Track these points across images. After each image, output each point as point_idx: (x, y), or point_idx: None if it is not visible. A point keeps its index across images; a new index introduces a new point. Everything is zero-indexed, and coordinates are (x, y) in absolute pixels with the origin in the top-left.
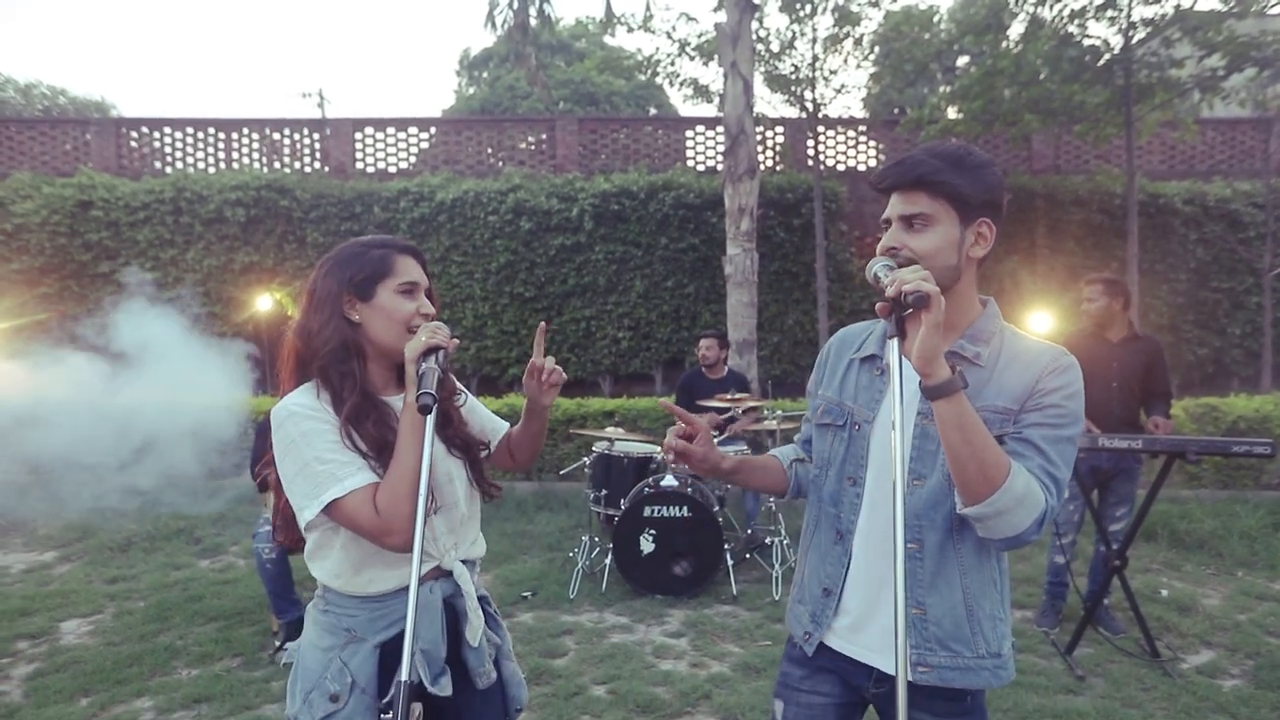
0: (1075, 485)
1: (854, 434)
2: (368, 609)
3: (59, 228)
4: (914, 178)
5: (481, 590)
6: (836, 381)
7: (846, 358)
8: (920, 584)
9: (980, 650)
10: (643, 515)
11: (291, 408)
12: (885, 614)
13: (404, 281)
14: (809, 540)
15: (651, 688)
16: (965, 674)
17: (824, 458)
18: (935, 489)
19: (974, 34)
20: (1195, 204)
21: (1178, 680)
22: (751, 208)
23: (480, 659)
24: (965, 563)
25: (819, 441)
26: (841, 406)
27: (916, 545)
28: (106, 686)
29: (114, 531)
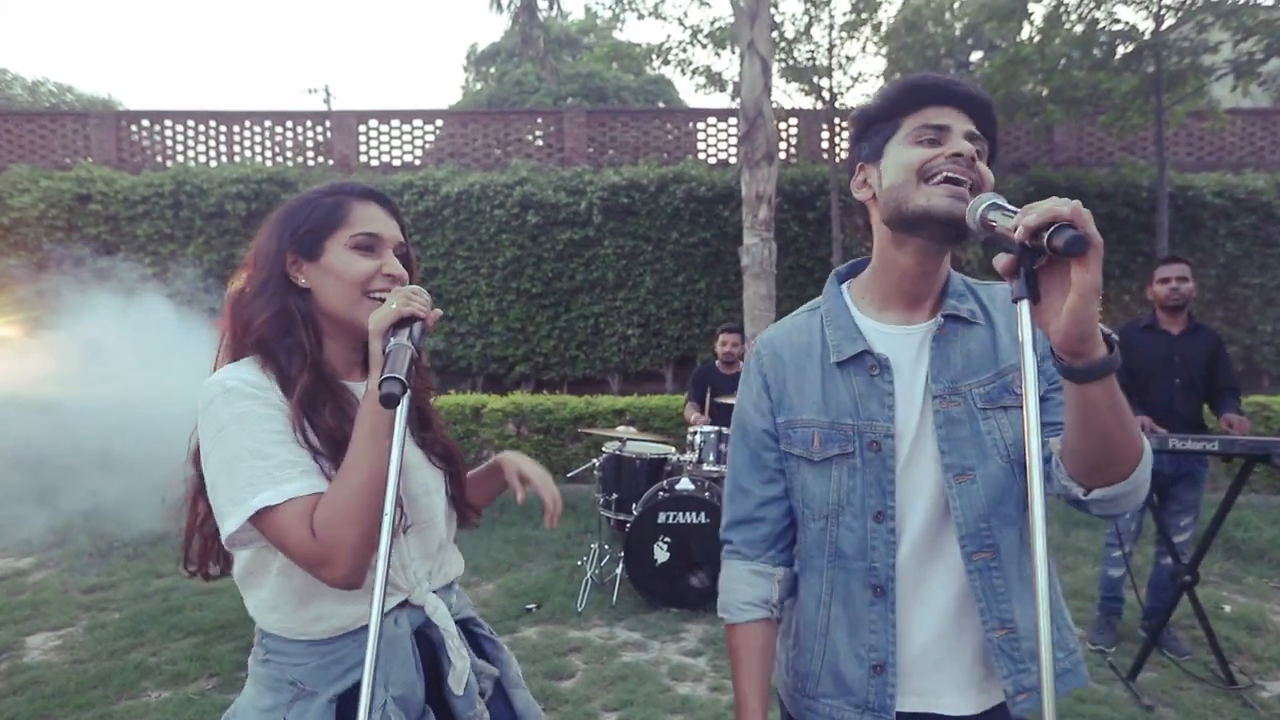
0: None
1: (870, 457)
2: (316, 654)
3: (56, 221)
4: (986, 103)
5: (467, 611)
6: (814, 399)
7: (811, 368)
8: (1002, 598)
9: (1069, 647)
10: (657, 522)
11: (228, 382)
12: (958, 648)
13: (359, 233)
14: (822, 614)
15: (669, 715)
16: (1062, 680)
17: (829, 502)
18: (994, 481)
19: (997, 19)
20: (1225, 196)
21: (1261, 712)
22: (770, 195)
23: (469, 704)
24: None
25: (815, 484)
26: (841, 428)
27: (989, 554)
28: (66, 712)
29: (98, 536)
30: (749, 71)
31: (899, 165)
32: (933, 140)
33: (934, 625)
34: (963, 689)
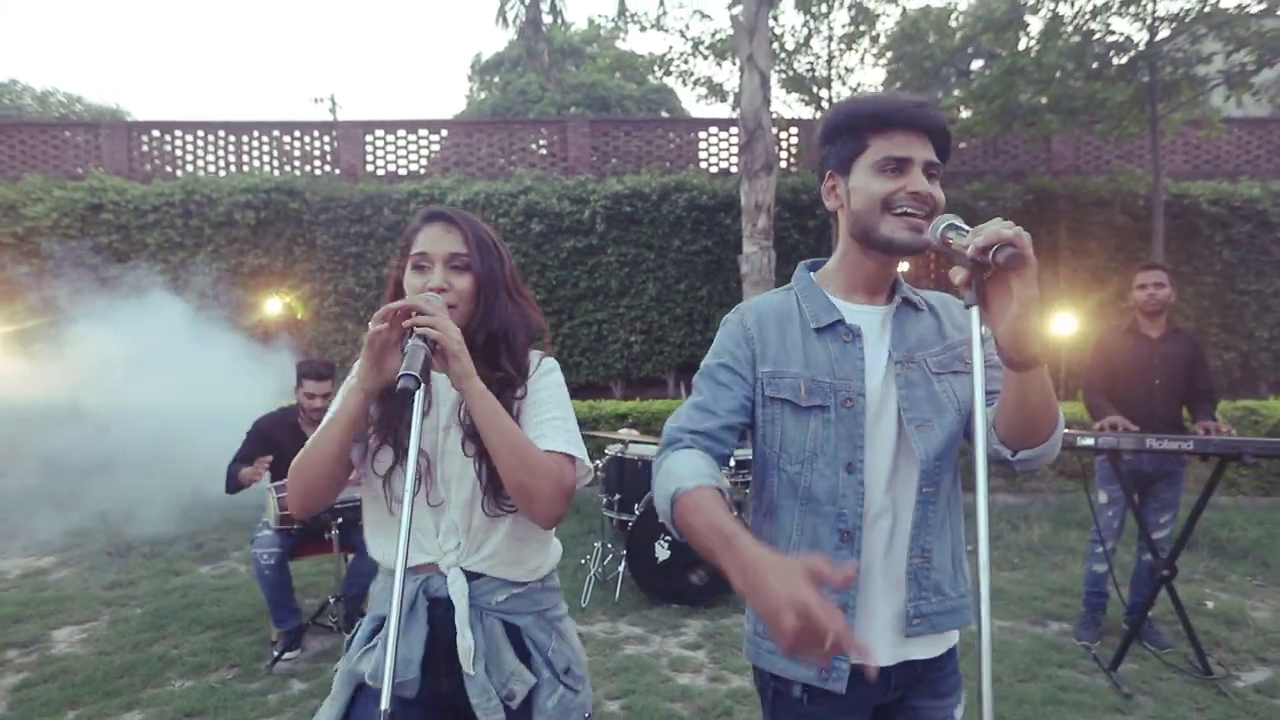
0: (1117, 490)
1: (844, 413)
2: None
3: (69, 230)
4: (942, 125)
5: (524, 620)
6: (798, 356)
7: (792, 331)
8: (930, 530)
9: (961, 589)
10: (658, 521)
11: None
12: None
13: (415, 253)
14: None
15: (669, 704)
16: (950, 615)
17: (806, 449)
18: (949, 430)
19: (994, 30)
20: (1222, 204)
21: (1235, 700)
22: (769, 204)
23: (483, 693)
24: (955, 502)
25: (795, 430)
26: (820, 385)
27: (932, 489)
28: (96, 699)
29: (116, 536)
30: (748, 84)
31: (867, 195)
32: (896, 171)
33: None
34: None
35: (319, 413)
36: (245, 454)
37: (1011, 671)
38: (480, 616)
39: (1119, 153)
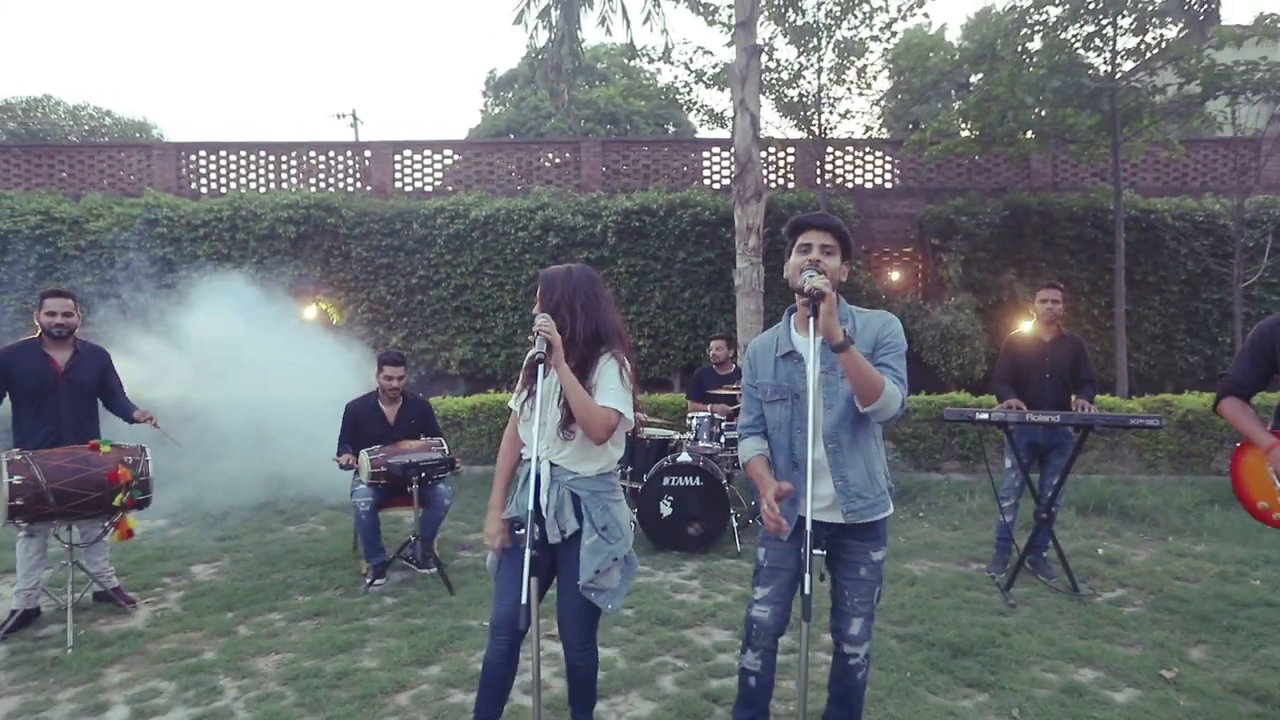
0: (1014, 458)
1: (794, 402)
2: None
3: (128, 244)
4: (834, 225)
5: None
6: (769, 374)
7: (771, 357)
8: (843, 465)
9: (878, 491)
10: (662, 484)
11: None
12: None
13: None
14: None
15: (669, 609)
16: (872, 508)
17: (777, 420)
18: (842, 410)
19: (969, 63)
20: (1185, 220)
21: (1090, 609)
22: (758, 227)
23: (551, 524)
24: (862, 445)
25: (771, 413)
26: (781, 387)
27: (837, 445)
28: (243, 605)
29: (214, 504)
30: (740, 124)
31: (792, 265)
32: (804, 250)
33: (821, 483)
34: (829, 512)
35: (395, 390)
36: (345, 431)
37: (931, 593)
38: (555, 486)
39: (1093, 170)
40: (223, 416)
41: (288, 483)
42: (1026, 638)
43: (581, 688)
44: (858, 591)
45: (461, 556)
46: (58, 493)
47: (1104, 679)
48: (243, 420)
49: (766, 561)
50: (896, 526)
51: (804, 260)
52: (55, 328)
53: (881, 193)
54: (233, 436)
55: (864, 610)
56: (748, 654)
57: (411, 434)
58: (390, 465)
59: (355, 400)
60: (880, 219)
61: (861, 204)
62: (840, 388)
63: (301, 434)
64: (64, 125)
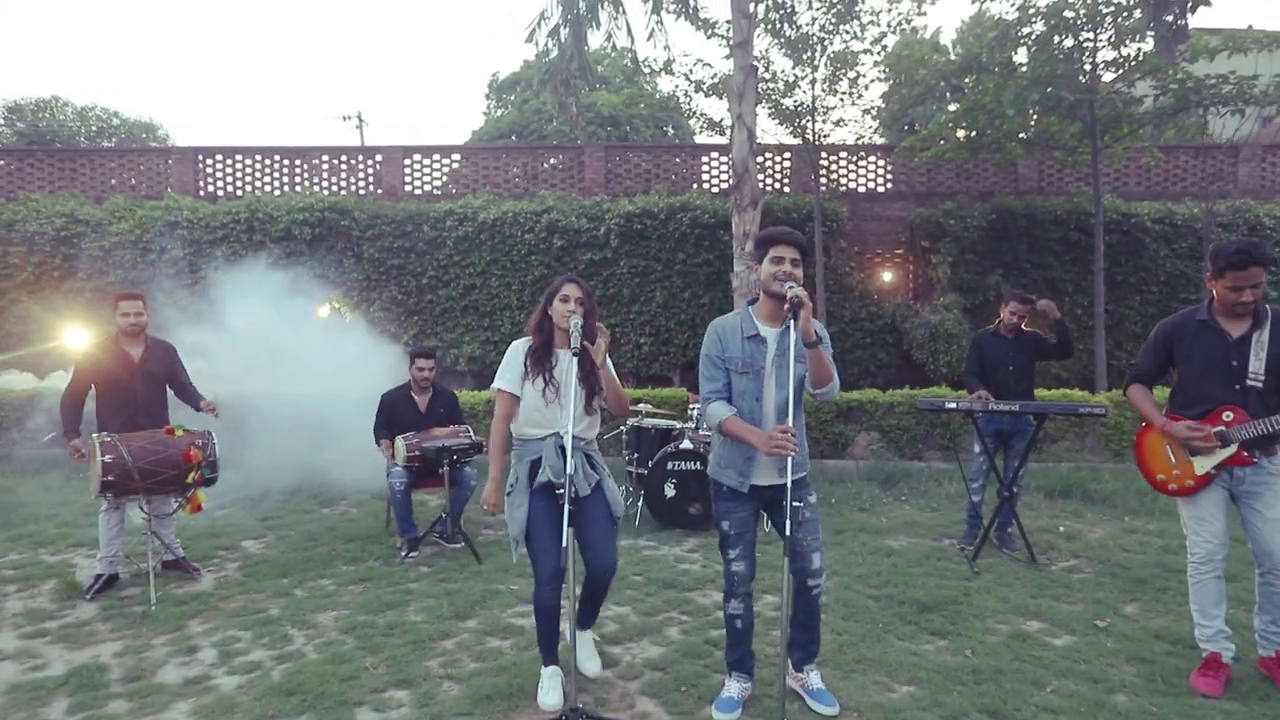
0: (981, 444)
1: (755, 374)
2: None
3: (150, 245)
4: (801, 241)
5: (591, 452)
6: (738, 350)
7: (739, 338)
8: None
9: (805, 452)
10: (666, 469)
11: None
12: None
13: (561, 295)
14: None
15: (674, 575)
16: (803, 468)
17: (741, 390)
18: (789, 387)
19: (955, 75)
20: (1165, 223)
21: (1042, 573)
22: (754, 233)
23: (583, 480)
24: (798, 417)
25: (738, 383)
26: (746, 361)
27: (786, 415)
28: (297, 572)
29: (255, 487)
30: (738, 138)
31: (768, 273)
32: (778, 262)
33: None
34: (768, 474)
35: (426, 381)
36: (380, 419)
37: (906, 563)
38: (576, 453)
39: (1077, 176)
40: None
41: (317, 470)
42: (985, 597)
43: (599, 594)
44: (809, 532)
45: (485, 534)
46: (141, 470)
47: (1047, 628)
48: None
49: (732, 530)
50: (880, 509)
51: (779, 270)
52: (130, 326)
53: (874, 196)
54: (265, 427)
55: (817, 545)
56: (731, 603)
57: (441, 422)
58: (424, 449)
59: (390, 391)
60: (873, 221)
61: (855, 207)
62: (791, 370)
63: (328, 426)
64: (72, 126)
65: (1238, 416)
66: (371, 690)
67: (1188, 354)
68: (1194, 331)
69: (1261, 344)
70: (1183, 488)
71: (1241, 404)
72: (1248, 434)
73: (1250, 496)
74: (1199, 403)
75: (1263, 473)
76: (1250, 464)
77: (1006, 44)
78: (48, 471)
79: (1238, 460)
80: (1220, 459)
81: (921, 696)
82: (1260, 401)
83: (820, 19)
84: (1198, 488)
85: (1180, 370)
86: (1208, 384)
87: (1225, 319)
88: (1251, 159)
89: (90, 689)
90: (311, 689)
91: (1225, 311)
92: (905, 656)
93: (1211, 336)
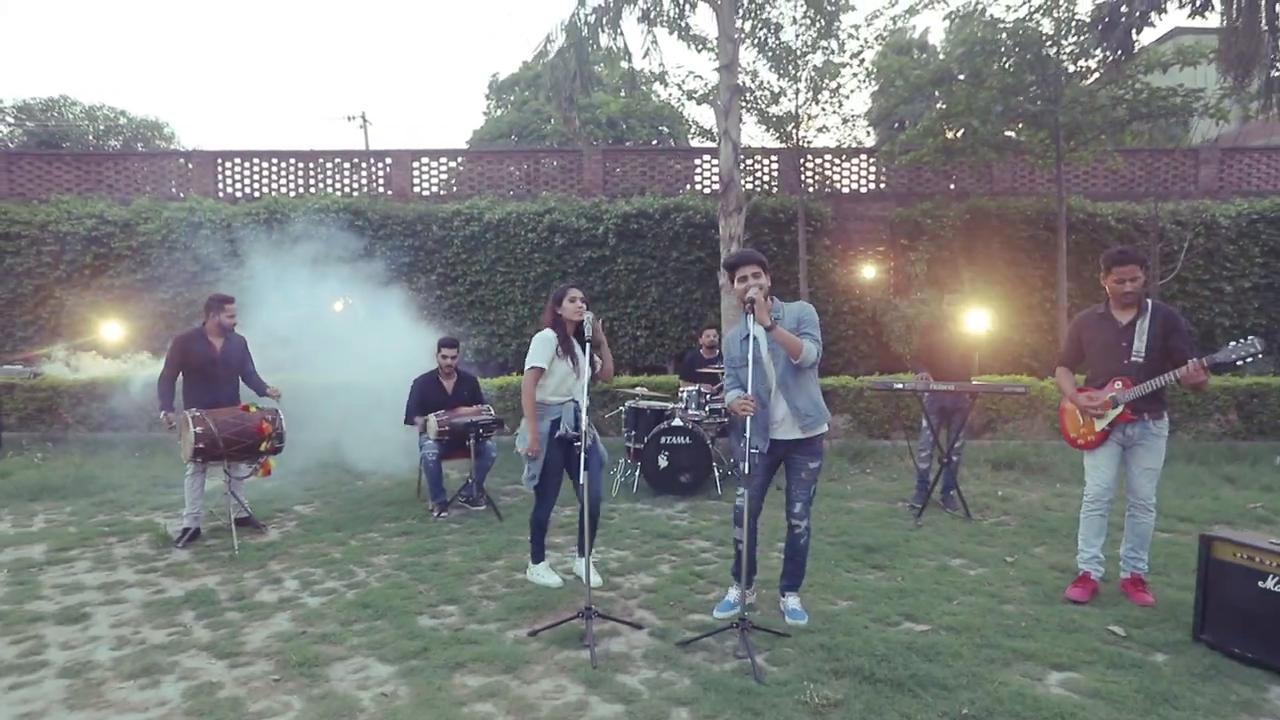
0: (926, 419)
1: (756, 365)
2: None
3: (175, 244)
4: (757, 258)
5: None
6: (737, 350)
7: (737, 341)
8: (793, 397)
9: (819, 413)
10: (660, 443)
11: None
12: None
13: (569, 295)
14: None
15: (666, 529)
16: (817, 423)
17: (745, 378)
18: (784, 363)
19: (928, 85)
20: (1127, 222)
21: (973, 525)
22: (739, 235)
23: (581, 434)
24: (804, 383)
25: (740, 373)
26: (744, 357)
27: (785, 385)
28: (347, 528)
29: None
30: (724, 150)
31: (738, 290)
32: (743, 279)
33: (780, 412)
34: (788, 430)
35: (450, 366)
36: (413, 401)
37: (861, 519)
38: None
39: (1048, 177)
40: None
41: (348, 449)
42: (922, 543)
43: (595, 518)
44: (800, 487)
45: (504, 499)
46: (225, 440)
47: (967, 564)
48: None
49: (749, 471)
50: (846, 479)
51: (743, 287)
52: (230, 321)
53: (857, 197)
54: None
55: (803, 498)
56: (739, 530)
57: (465, 402)
58: (454, 425)
59: (421, 376)
60: (855, 220)
61: (839, 207)
62: (779, 352)
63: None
64: (80, 125)
65: (1125, 385)
66: (427, 605)
67: (1091, 339)
68: (1095, 321)
69: (1143, 330)
70: (1088, 442)
71: (1129, 375)
72: (1130, 396)
73: (1134, 450)
74: (1100, 375)
75: (1148, 433)
76: (1137, 420)
77: (975, 57)
78: (104, 452)
79: (1125, 418)
80: (1112, 418)
81: (857, 607)
82: (1143, 373)
83: (803, 34)
84: (1098, 442)
85: (1087, 352)
86: (1105, 361)
87: (1117, 310)
88: (1211, 161)
89: (208, 604)
90: (380, 604)
91: (1117, 304)
92: (849, 582)
93: (1107, 324)
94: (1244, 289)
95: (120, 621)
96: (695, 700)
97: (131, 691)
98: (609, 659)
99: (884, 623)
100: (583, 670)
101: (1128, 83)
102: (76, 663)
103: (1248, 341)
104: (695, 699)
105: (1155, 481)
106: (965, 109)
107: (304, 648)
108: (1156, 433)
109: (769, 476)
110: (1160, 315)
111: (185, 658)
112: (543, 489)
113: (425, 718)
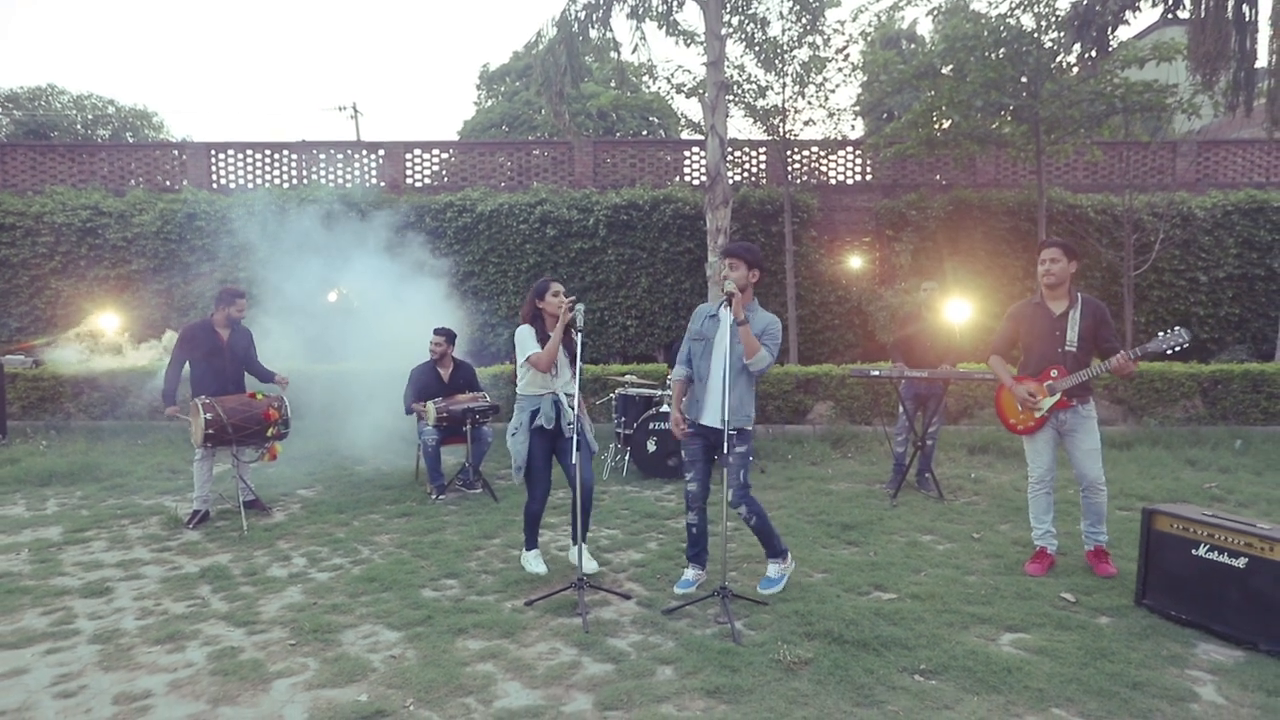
0: (903, 405)
1: (709, 344)
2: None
3: (170, 235)
4: (737, 251)
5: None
6: (700, 326)
7: (703, 317)
8: (730, 393)
9: (747, 412)
10: (649, 428)
11: (523, 328)
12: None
13: (552, 290)
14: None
15: (654, 509)
16: (737, 420)
17: (696, 356)
18: (736, 361)
19: (911, 81)
20: (1106, 214)
21: (945, 505)
22: (725, 228)
23: (568, 426)
24: (741, 385)
25: (695, 351)
26: (703, 335)
27: (724, 378)
28: (350, 510)
29: (299, 444)
30: (711, 145)
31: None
32: (730, 268)
33: (713, 397)
34: (712, 418)
35: (437, 352)
36: (411, 389)
37: (840, 500)
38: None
39: (1029, 170)
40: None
41: (346, 436)
42: (895, 521)
43: (586, 506)
44: (730, 473)
45: (498, 482)
46: (234, 425)
47: (936, 539)
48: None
49: (687, 457)
50: (828, 463)
51: (723, 277)
52: (239, 314)
53: (843, 188)
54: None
55: (734, 484)
56: (690, 514)
57: (462, 390)
58: (452, 411)
59: (418, 366)
60: (842, 212)
61: (825, 198)
62: (736, 347)
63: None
64: (68, 114)
65: (1060, 373)
66: (429, 579)
67: (1028, 328)
68: (1030, 312)
69: (1075, 320)
70: (1026, 428)
71: (1063, 364)
72: (1066, 384)
73: (1071, 434)
74: (1034, 363)
75: (1079, 417)
76: (1070, 407)
77: (958, 52)
78: (108, 439)
79: (1061, 405)
80: (1049, 405)
81: (831, 579)
82: (1076, 362)
83: (789, 29)
84: (1036, 428)
85: (1022, 341)
86: (1040, 349)
87: (1051, 301)
88: (1189, 155)
89: (222, 579)
90: (385, 578)
91: (1049, 293)
92: (824, 556)
93: (1041, 315)
94: (1219, 279)
95: (142, 594)
96: (678, 659)
97: (160, 655)
98: (599, 625)
99: (855, 592)
100: (575, 635)
101: (1106, 78)
102: (106, 630)
103: (1175, 332)
104: (678, 658)
105: (1099, 460)
106: (948, 102)
107: (316, 617)
108: (1086, 415)
109: (709, 460)
110: (1089, 308)
111: (206, 626)
112: (531, 478)
113: (432, 675)
